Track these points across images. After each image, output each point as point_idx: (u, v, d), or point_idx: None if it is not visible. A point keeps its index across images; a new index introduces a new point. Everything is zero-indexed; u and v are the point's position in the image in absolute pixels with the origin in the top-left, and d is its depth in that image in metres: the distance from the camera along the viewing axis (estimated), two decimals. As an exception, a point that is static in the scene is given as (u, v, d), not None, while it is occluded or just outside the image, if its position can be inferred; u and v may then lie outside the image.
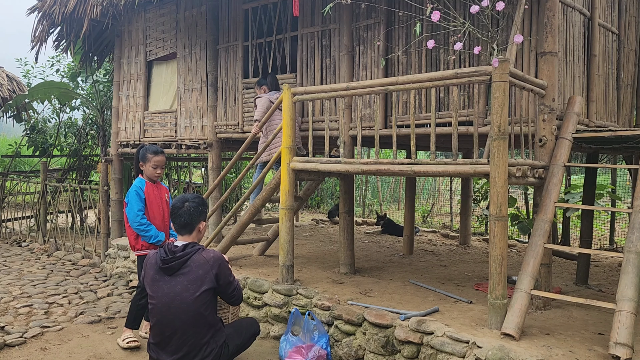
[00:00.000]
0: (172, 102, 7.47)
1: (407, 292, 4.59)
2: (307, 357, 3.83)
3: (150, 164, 4.34)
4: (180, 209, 3.28)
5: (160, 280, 3.20)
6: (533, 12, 4.18)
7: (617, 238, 8.31)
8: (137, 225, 4.21)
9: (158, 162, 4.36)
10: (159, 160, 4.37)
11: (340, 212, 5.48)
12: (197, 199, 3.35)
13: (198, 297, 3.12)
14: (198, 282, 3.12)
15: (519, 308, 3.39)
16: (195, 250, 3.19)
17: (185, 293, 3.12)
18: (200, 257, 3.17)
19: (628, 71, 5.55)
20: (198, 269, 3.14)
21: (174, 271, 3.16)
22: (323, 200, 13.88)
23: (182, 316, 3.13)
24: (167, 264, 3.17)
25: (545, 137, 4.04)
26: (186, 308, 3.12)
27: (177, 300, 3.13)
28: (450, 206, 11.28)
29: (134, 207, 4.23)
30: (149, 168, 4.35)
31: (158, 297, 3.19)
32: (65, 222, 9.58)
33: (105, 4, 6.61)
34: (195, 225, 3.29)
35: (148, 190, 4.33)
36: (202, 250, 3.23)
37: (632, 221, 3.49)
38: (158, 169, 4.38)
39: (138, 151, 4.42)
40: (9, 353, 4.19)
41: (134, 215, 4.21)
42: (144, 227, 4.21)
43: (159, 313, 3.19)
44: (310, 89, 4.61)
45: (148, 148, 4.38)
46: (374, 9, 5.16)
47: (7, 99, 10.79)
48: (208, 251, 3.24)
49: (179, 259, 3.16)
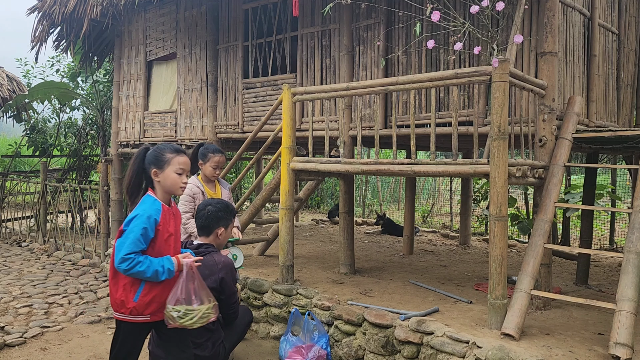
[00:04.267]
0: (172, 102, 7.47)
1: (407, 292, 4.58)
2: (307, 357, 3.83)
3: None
4: (201, 210, 3.38)
5: None
6: (533, 12, 4.18)
7: (617, 238, 8.31)
8: (125, 265, 2.61)
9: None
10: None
11: (340, 212, 5.48)
12: (219, 205, 3.42)
13: None
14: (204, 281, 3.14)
15: (519, 308, 3.39)
16: (208, 252, 3.26)
17: None
18: (210, 258, 3.22)
19: (628, 71, 5.55)
20: (205, 269, 3.17)
21: None
22: (323, 200, 13.88)
23: None
24: None
25: (545, 137, 4.04)
26: None
27: None
28: (450, 206, 11.28)
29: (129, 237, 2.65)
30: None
31: None
32: (65, 222, 9.57)
33: (105, 4, 6.61)
34: (212, 229, 3.36)
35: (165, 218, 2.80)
36: (215, 253, 3.29)
37: (632, 221, 3.48)
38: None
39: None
40: (9, 353, 4.19)
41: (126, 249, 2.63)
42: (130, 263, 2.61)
43: None
44: (310, 89, 4.61)
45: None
46: (374, 9, 5.16)
47: (7, 99, 10.79)
48: (220, 255, 3.28)
49: None
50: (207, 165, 4.15)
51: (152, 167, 2.79)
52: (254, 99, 6.33)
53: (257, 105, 6.30)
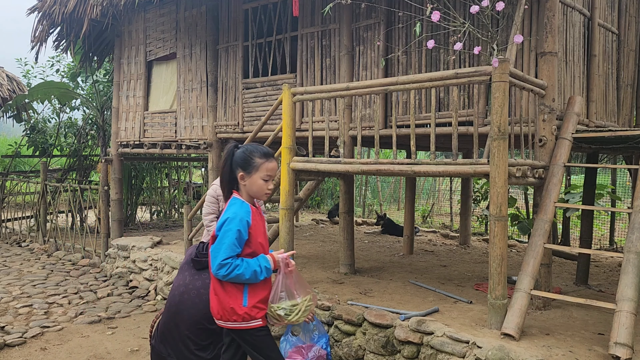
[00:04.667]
0: (172, 102, 7.47)
1: (407, 292, 4.58)
2: (307, 357, 3.82)
3: (260, 175, 2.72)
4: None
5: (187, 270, 3.30)
6: (533, 12, 4.18)
7: (617, 238, 8.31)
8: (223, 271, 2.57)
9: (272, 171, 2.75)
10: (273, 167, 2.76)
11: (340, 212, 5.48)
12: None
13: None
14: None
15: (519, 308, 3.39)
16: None
17: (202, 289, 3.16)
18: None
19: (628, 71, 5.55)
20: None
21: (202, 267, 3.24)
22: (323, 200, 13.87)
23: (191, 310, 3.15)
24: (198, 257, 3.26)
25: (545, 137, 4.04)
26: (198, 303, 3.14)
27: (192, 293, 3.17)
28: (450, 206, 11.28)
29: (224, 242, 2.58)
30: (258, 181, 2.72)
31: (178, 284, 3.28)
32: (65, 222, 9.58)
33: (105, 4, 6.61)
34: None
35: (255, 219, 2.70)
36: None
37: (632, 221, 3.48)
38: (270, 182, 2.77)
39: (231, 153, 2.76)
40: (9, 353, 4.19)
41: (222, 254, 2.56)
42: (228, 268, 2.56)
43: (172, 299, 3.26)
44: (310, 89, 4.61)
45: (253, 150, 2.75)
46: (374, 9, 5.16)
47: (7, 99, 10.79)
48: None
49: None
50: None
51: (240, 170, 2.70)
52: (254, 99, 6.34)
53: (257, 105, 6.30)
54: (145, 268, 6.49)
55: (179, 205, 11.69)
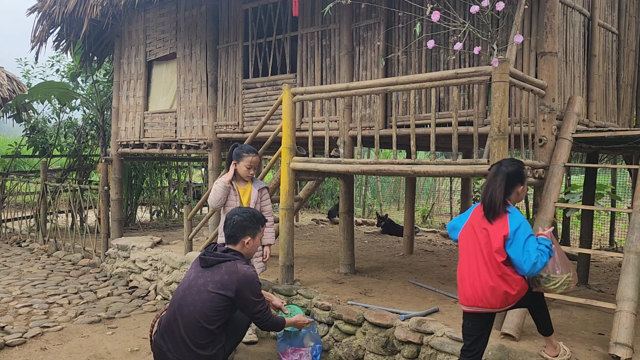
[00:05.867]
0: (172, 102, 7.47)
1: (407, 292, 4.59)
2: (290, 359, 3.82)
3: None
4: (228, 220, 3.42)
5: (194, 267, 3.35)
6: (533, 12, 4.18)
7: (617, 238, 8.31)
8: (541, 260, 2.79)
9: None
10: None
11: (340, 212, 5.48)
12: (245, 214, 3.44)
13: (213, 296, 3.15)
14: (220, 284, 3.18)
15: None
16: (234, 258, 3.28)
17: (203, 287, 3.18)
18: (234, 265, 3.24)
19: (628, 71, 5.55)
20: (225, 274, 3.20)
21: (207, 265, 3.26)
22: (323, 200, 13.87)
23: (192, 307, 3.16)
24: (205, 255, 3.30)
25: (545, 137, 4.04)
26: (198, 300, 3.15)
27: (194, 290, 3.19)
28: (450, 206, 11.29)
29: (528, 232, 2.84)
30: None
31: (184, 279, 3.33)
32: (65, 222, 9.57)
33: (105, 4, 6.61)
34: (239, 238, 3.37)
35: None
36: (241, 261, 3.30)
37: (632, 221, 3.49)
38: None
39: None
40: (9, 353, 4.19)
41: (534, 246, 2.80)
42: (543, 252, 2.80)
43: (176, 294, 3.29)
44: (310, 89, 4.61)
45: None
46: (374, 9, 5.16)
47: (7, 99, 10.79)
48: (245, 265, 3.28)
49: (215, 257, 3.27)
50: (240, 164, 4.25)
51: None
52: (254, 99, 6.34)
53: (257, 105, 6.30)
54: (145, 268, 6.49)
55: (179, 205, 11.69)
